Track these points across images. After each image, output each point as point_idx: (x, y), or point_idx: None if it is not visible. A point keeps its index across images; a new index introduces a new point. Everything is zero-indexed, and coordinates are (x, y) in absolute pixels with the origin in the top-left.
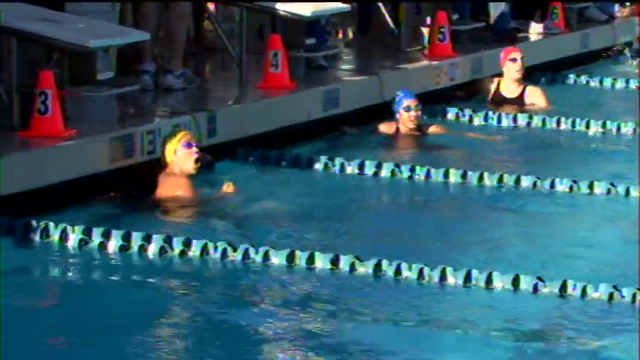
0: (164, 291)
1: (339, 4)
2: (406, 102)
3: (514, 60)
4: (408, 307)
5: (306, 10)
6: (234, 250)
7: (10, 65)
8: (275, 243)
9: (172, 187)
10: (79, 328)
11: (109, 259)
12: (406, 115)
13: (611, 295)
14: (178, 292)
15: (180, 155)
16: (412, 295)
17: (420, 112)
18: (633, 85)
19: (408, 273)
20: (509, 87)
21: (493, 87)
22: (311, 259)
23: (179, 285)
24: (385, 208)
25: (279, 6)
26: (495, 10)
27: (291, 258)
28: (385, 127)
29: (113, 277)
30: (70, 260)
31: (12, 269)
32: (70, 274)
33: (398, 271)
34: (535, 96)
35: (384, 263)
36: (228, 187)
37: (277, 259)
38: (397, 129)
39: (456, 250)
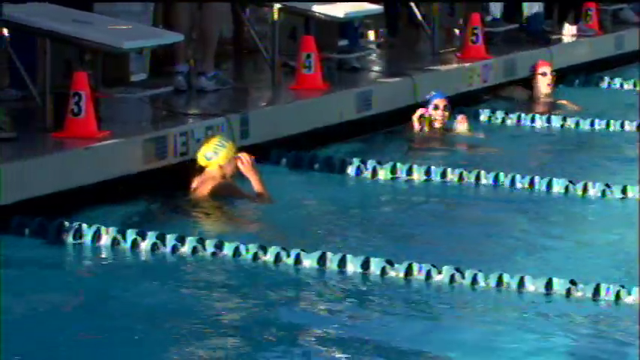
0: (196, 292)
1: (373, 6)
2: (435, 101)
3: (544, 74)
4: (440, 309)
5: (339, 11)
6: (265, 252)
7: (43, 66)
8: (306, 245)
9: (213, 188)
10: (110, 328)
11: (141, 259)
12: (433, 114)
13: None
14: (209, 293)
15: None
16: (444, 299)
17: (447, 113)
18: None
19: (439, 276)
20: (539, 93)
21: (525, 95)
22: (342, 262)
23: (211, 285)
24: (415, 211)
25: (312, 7)
26: (529, 11)
27: (322, 261)
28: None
29: (145, 277)
30: (103, 261)
31: (44, 269)
32: (102, 273)
33: (428, 275)
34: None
35: (415, 267)
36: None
37: (309, 261)
38: (430, 125)
39: (487, 253)
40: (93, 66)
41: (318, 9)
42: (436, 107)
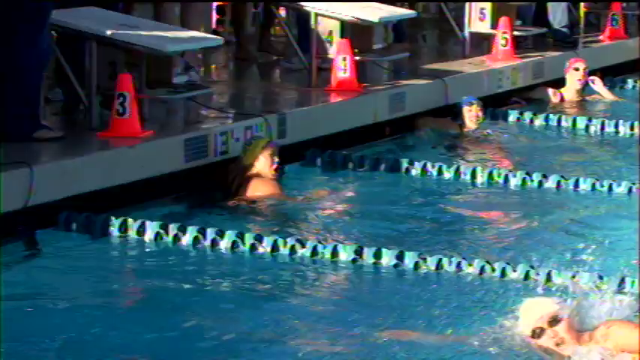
0: (234, 284)
1: (407, 11)
2: (468, 102)
3: (577, 69)
4: (469, 301)
5: (374, 16)
6: (303, 246)
7: (90, 68)
8: (342, 240)
9: (256, 187)
10: (154, 318)
11: (182, 252)
12: (468, 114)
13: None
14: (248, 285)
15: (263, 161)
16: (473, 290)
17: (480, 113)
18: None
19: (470, 269)
20: (570, 95)
21: (556, 99)
22: (377, 255)
23: (249, 279)
24: (446, 208)
25: (348, 11)
26: (554, 15)
27: (358, 253)
28: (446, 123)
29: (187, 270)
30: (146, 254)
31: (91, 262)
32: (146, 266)
33: (459, 268)
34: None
35: (444, 260)
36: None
37: (345, 254)
38: (460, 128)
39: (514, 248)
40: (137, 68)
41: (353, 13)
42: (470, 107)
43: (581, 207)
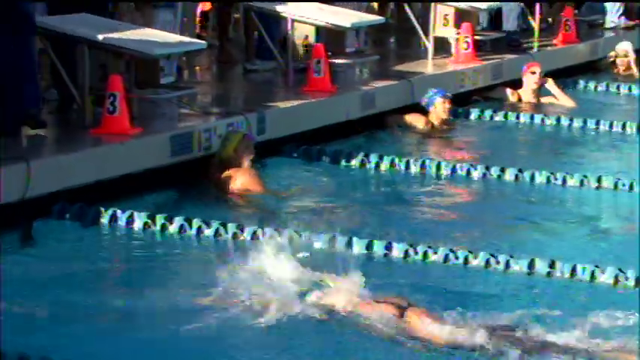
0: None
1: (376, 17)
2: (444, 94)
3: (533, 73)
4: (474, 295)
5: (346, 21)
6: (280, 235)
7: (83, 71)
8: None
9: (235, 178)
10: (144, 303)
11: (169, 241)
12: (441, 106)
13: None
14: (231, 271)
15: (240, 153)
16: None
17: (451, 106)
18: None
19: (434, 257)
20: (527, 96)
21: (514, 99)
22: (349, 244)
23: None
24: (411, 199)
25: (322, 17)
26: (507, 21)
27: (331, 241)
28: (414, 119)
29: (173, 257)
30: (135, 242)
31: (83, 251)
32: (134, 254)
33: (466, 260)
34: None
35: (410, 250)
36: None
37: (319, 242)
38: (428, 122)
39: (475, 235)
40: (127, 70)
41: (327, 19)
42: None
43: (536, 199)
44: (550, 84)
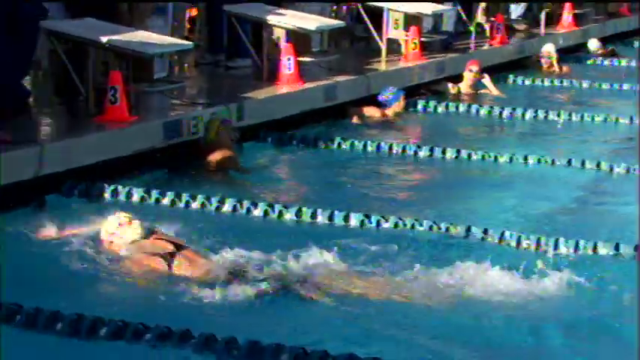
0: (204, 237)
1: (337, 21)
2: (401, 95)
3: (471, 70)
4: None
5: (312, 25)
6: (256, 207)
7: (88, 67)
8: (285, 202)
9: (217, 157)
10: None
11: (163, 212)
12: (399, 105)
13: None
14: (216, 238)
15: (220, 135)
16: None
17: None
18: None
19: (386, 224)
20: (466, 89)
21: (454, 91)
22: (313, 215)
23: (216, 233)
24: (368, 175)
25: (292, 22)
26: (446, 26)
27: (298, 213)
28: (371, 110)
29: (166, 227)
30: (134, 214)
31: (89, 222)
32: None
33: (378, 225)
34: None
35: (365, 220)
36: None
37: (289, 214)
38: (384, 113)
39: (422, 206)
40: (126, 67)
41: (296, 23)
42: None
43: (475, 174)
44: (486, 79)
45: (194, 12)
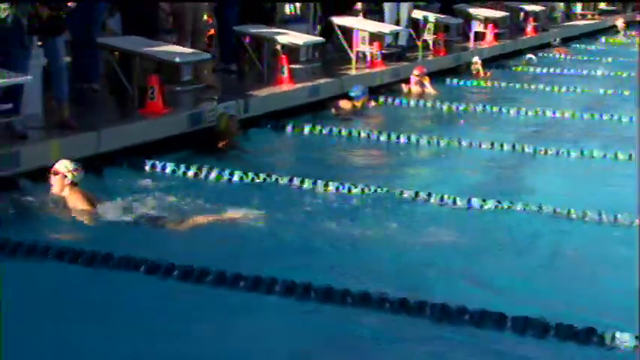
0: (222, 203)
1: (319, 38)
2: (366, 93)
3: (416, 75)
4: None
5: (300, 40)
6: (258, 176)
7: (133, 72)
8: (279, 173)
9: (226, 142)
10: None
11: (188, 182)
12: (365, 100)
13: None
14: (235, 204)
15: (229, 127)
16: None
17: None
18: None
19: (355, 190)
20: (414, 89)
21: (406, 90)
22: (302, 181)
23: (233, 201)
24: (341, 154)
25: (286, 39)
26: (400, 40)
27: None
28: (345, 104)
29: (189, 193)
30: (167, 184)
31: (136, 189)
32: (168, 188)
33: (349, 190)
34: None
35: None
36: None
37: (282, 181)
38: (354, 105)
39: (380, 177)
40: (161, 71)
41: (288, 39)
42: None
43: (422, 153)
44: (426, 80)
45: (212, 31)
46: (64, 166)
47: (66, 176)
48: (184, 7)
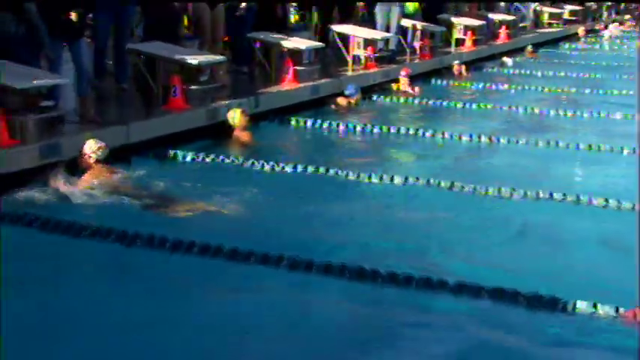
0: (238, 189)
1: (319, 43)
2: (359, 91)
3: (402, 75)
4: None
5: (303, 45)
6: (267, 163)
7: (158, 73)
8: (284, 160)
9: (240, 134)
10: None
11: (207, 168)
12: (358, 97)
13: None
14: (250, 190)
15: (242, 120)
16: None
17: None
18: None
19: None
20: (402, 87)
21: (396, 87)
22: (305, 168)
23: (247, 186)
24: (339, 145)
25: (291, 44)
26: (391, 45)
27: (295, 167)
28: (341, 100)
29: (206, 177)
30: (186, 170)
31: (161, 174)
32: (188, 174)
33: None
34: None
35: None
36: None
37: (287, 168)
38: (349, 102)
39: (369, 163)
40: (182, 72)
41: (293, 45)
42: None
43: (409, 143)
44: (406, 82)
45: (226, 38)
46: (88, 147)
47: (91, 156)
48: (206, 17)
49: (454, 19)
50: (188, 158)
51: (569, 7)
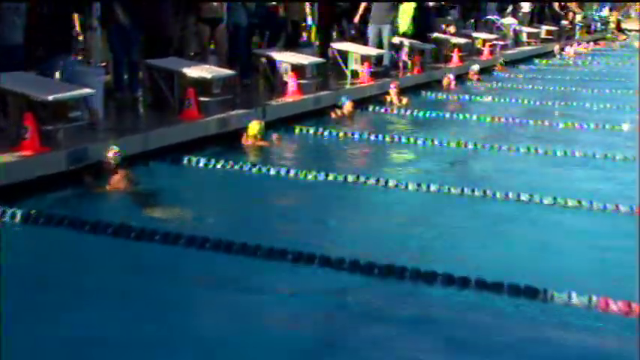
0: (249, 194)
1: (320, 58)
2: (350, 100)
3: (393, 87)
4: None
5: (306, 61)
6: (280, 167)
7: (173, 86)
8: (288, 165)
9: (255, 141)
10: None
11: (218, 173)
12: (350, 107)
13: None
14: (263, 192)
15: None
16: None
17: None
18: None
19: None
20: (393, 99)
21: (389, 99)
22: (306, 175)
23: (258, 188)
24: (339, 147)
25: (295, 60)
26: (384, 60)
27: (296, 173)
28: (340, 111)
29: (217, 181)
30: (200, 175)
31: (177, 181)
32: (201, 178)
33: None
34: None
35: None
36: (277, 139)
37: (301, 175)
38: (342, 113)
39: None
40: (195, 85)
41: (297, 61)
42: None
43: (402, 150)
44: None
45: None
46: (106, 154)
47: (109, 162)
48: (222, 36)
49: (444, 37)
50: (201, 164)
51: (545, 28)
